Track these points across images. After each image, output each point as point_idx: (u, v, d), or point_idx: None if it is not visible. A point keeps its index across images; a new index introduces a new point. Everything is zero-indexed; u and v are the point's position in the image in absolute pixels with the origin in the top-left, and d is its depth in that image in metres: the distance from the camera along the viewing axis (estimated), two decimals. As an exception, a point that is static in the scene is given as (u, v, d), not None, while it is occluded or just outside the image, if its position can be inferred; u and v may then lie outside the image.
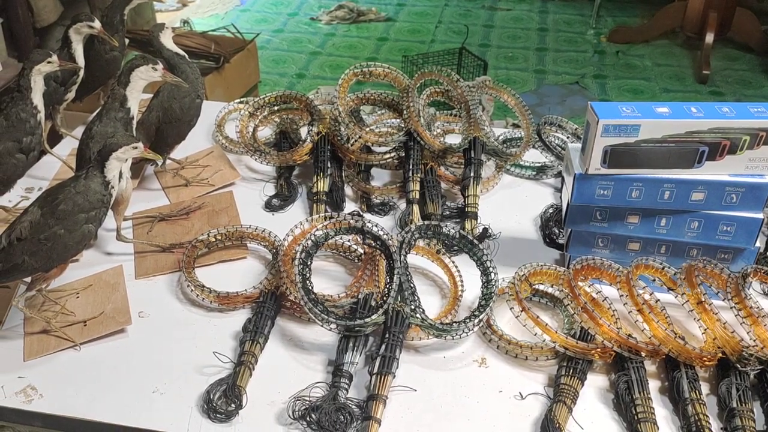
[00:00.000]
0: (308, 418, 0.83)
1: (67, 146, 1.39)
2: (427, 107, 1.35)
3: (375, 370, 0.88)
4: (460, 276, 1.04)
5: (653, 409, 0.85)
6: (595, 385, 0.90)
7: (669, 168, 1.00)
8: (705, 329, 0.91)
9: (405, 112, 1.28)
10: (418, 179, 1.23)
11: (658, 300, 0.94)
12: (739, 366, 0.88)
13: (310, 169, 1.29)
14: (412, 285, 0.97)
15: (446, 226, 1.04)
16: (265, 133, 1.43)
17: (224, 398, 0.86)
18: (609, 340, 0.90)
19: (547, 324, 0.92)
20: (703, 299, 0.91)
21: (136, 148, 0.96)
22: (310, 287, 0.95)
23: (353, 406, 0.85)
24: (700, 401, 0.85)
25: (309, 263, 0.97)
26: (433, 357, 0.95)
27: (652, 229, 1.04)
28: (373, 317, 0.93)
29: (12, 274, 0.94)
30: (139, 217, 1.20)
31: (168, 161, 1.31)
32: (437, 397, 0.89)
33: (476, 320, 0.95)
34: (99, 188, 0.94)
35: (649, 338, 0.90)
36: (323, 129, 1.30)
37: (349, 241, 1.11)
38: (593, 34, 3.55)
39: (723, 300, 0.95)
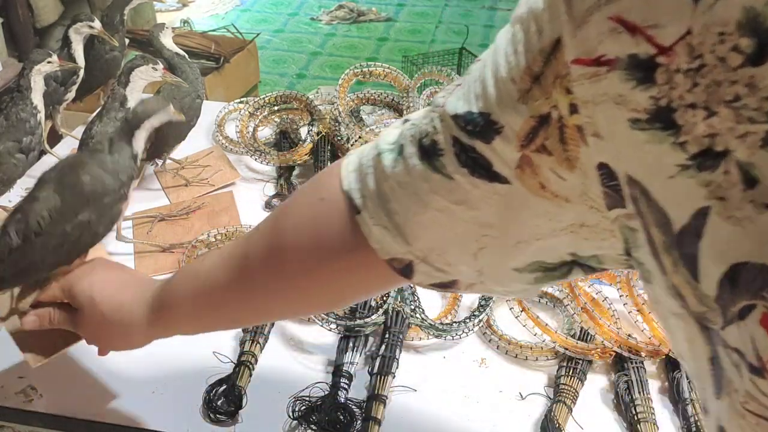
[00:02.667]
0: (308, 419, 0.83)
1: (67, 146, 1.39)
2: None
3: (375, 371, 0.88)
4: (460, 276, 1.04)
5: (653, 409, 0.85)
6: (595, 385, 0.90)
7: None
8: (705, 329, 0.91)
9: (405, 112, 1.28)
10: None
11: (658, 300, 0.94)
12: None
13: (311, 169, 1.29)
14: (412, 285, 0.97)
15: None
16: (266, 133, 1.43)
17: (224, 398, 0.86)
18: (609, 340, 0.89)
19: (547, 324, 0.92)
20: (703, 299, 0.91)
21: (168, 111, 0.85)
22: (310, 287, 0.95)
23: (353, 407, 0.85)
24: (700, 401, 0.85)
25: (309, 263, 0.97)
26: (433, 357, 0.95)
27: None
28: (373, 317, 0.93)
29: (28, 274, 0.80)
30: (139, 217, 1.20)
31: (168, 161, 1.31)
32: (437, 397, 0.89)
33: (476, 320, 0.95)
34: (129, 162, 0.82)
35: (649, 338, 0.90)
36: (323, 129, 1.30)
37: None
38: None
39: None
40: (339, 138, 1.30)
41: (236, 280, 0.59)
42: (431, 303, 1.03)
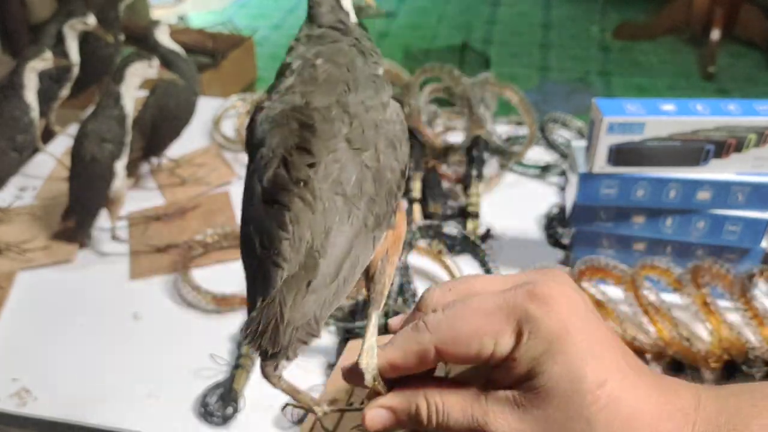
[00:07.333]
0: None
1: (61, 144, 1.37)
2: (429, 104, 1.33)
3: (374, 374, 0.86)
4: (462, 277, 1.02)
5: (659, 413, 0.83)
6: (599, 388, 0.89)
7: (674, 166, 0.98)
8: (711, 331, 0.89)
9: (406, 109, 1.26)
10: (420, 178, 1.21)
11: (664, 301, 0.92)
12: (744, 368, 0.86)
13: (309, 168, 1.26)
14: (413, 287, 0.95)
15: (448, 225, 1.02)
16: (264, 130, 1.41)
17: (221, 401, 0.85)
18: (613, 343, 0.88)
19: (550, 326, 0.90)
20: (708, 300, 0.89)
21: None
22: (308, 288, 0.93)
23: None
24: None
25: (307, 264, 0.95)
26: (434, 360, 0.93)
27: (657, 229, 1.02)
28: (373, 319, 0.91)
29: None
30: (135, 217, 1.19)
31: (164, 159, 1.29)
32: (438, 401, 0.87)
33: (478, 322, 0.93)
34: None
35: (654, 340, 0.88)
36: (322, 126, 1.28)
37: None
38: (598, 31, 3.53)
39: (729, 301, 0.93)
40: (338, 135, 1.28)
41: None
42: (432, 304, 1.01)
